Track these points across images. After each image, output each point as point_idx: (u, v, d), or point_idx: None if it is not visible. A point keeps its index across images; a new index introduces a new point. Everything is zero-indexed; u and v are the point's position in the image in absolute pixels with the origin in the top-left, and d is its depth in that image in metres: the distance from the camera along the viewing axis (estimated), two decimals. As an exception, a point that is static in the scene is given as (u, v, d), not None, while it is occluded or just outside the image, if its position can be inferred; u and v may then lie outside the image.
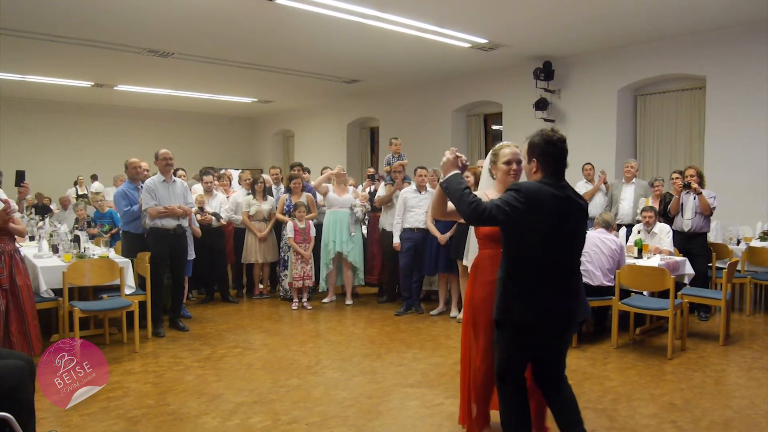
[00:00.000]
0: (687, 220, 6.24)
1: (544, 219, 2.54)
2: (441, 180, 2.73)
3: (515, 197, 2.52)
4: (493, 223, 2.57)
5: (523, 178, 2.96)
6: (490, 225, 2.69)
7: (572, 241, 2.69)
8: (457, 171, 2.70)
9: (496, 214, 2.49)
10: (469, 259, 3.69)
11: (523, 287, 2.60)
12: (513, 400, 2.75)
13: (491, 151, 3.19)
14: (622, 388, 4.17)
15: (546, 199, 2.55)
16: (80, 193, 12.82)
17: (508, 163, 3.05)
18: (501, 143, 3.18)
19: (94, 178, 13.39)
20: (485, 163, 3.26)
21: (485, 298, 2.93)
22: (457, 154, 2.76)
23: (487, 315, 2.87)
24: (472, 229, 3.74)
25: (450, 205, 2.88)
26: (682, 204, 6.28)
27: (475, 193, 2.64)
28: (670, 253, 5.96)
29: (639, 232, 6.27)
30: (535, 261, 2.59)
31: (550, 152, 2.63)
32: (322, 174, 7.50)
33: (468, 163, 2.89)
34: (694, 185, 6.07)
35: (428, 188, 6.57)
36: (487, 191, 3.12)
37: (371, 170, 8.35)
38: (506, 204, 2.51)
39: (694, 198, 6.16)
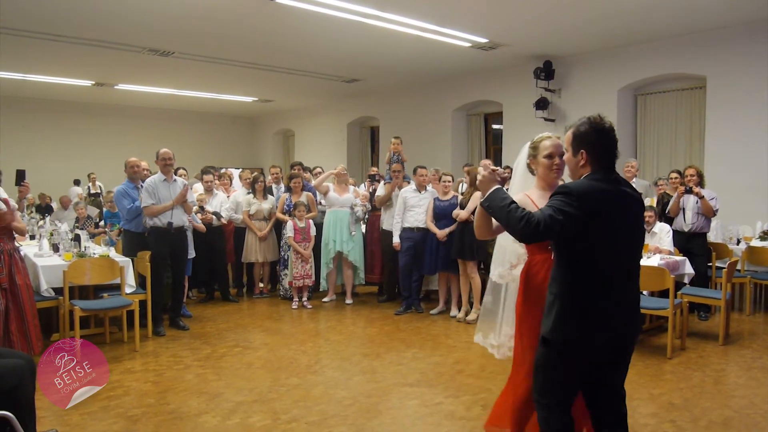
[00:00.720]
0: (688, 221, 6.24)
1: (601, 222, 2.22)
2: (481, 199, 2.41)
3: (567, 202, 2.19)
4: (550, 236, 2.23)
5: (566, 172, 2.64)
6: (547, 239, 2.32)
7: (632, 242, 2.37)
8: (497, 186, 2.37)
9: (552, 225, 2.15)
10: (496, 274, 3.17)
11: (583, 300, 2.26)
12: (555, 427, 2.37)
13: (530, 143, 2.87)
14: (622, 388, 4.18)
15: (601, 199, 2.24)
16: (92, 191, 12.64)
17: (549, 156, 2.73)
18: (541, 134, 2.86)
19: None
20: (521, 156, 2.95)
21: (540, 308, 2.53)
22: (493, 167, 2.44)
23: (538, 328, 2.53)
24: (501, 236, 3.14)
25: (495, 221, 2.54)
26: (683, 207, 6.27)
27: (513, 196, 2.34)
28: (670, 253, 5.97)
29: (639, 232, 6.27)
30: (595, 270, 2.26)
31: (601, 142, 2.31)
32: (313, 175, 7.53)
33: (507, 176, 2.59)
34: (696, 189, 6.04)
35: (428, 188, 6.58)
36: (528, 192, 2.79)
37: (374, 170, 8.35)
38: (559, 212, 2.17)
39: (696, 202, 6.15)
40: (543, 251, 2.70)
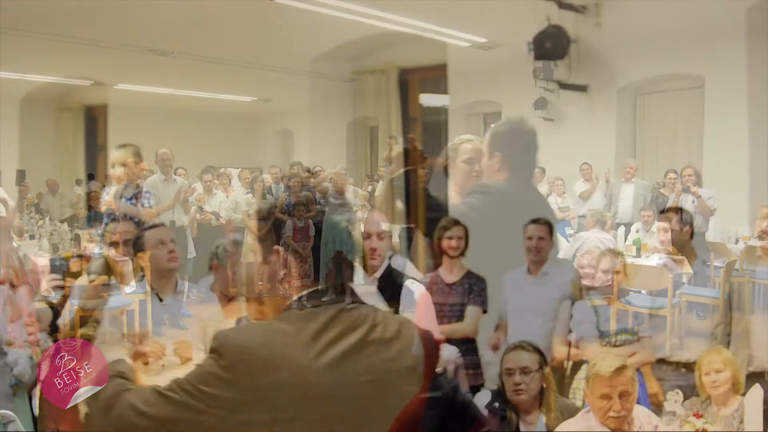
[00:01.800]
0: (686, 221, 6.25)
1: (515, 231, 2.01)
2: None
3: (486, 201, 2.01)
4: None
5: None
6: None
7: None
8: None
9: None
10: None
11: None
12: None
13: (449, 144, 2.57)
14: (620, 387, 4.18)
15: (517, 206, 2.03)
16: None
17: (469, 162, 2.46)
18: (462, 136, 2.58)
19: (90, 177, 13.34)
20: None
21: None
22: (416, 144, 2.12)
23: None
24: (418, 239, 2.65)
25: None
26: (681, 206, 6.29)
27: None
28: (669, 252, 5.97)
29: (638, 231, 6.29)
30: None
31: (518, 146, 2.09)
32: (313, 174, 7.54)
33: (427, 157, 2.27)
34: (693, 189, 6.07)
35: (427, 188, 6.59)
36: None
37: (382, 170, 8.34)
38: (474, 209, 1.99)
39: (693, 201, 6.17)
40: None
